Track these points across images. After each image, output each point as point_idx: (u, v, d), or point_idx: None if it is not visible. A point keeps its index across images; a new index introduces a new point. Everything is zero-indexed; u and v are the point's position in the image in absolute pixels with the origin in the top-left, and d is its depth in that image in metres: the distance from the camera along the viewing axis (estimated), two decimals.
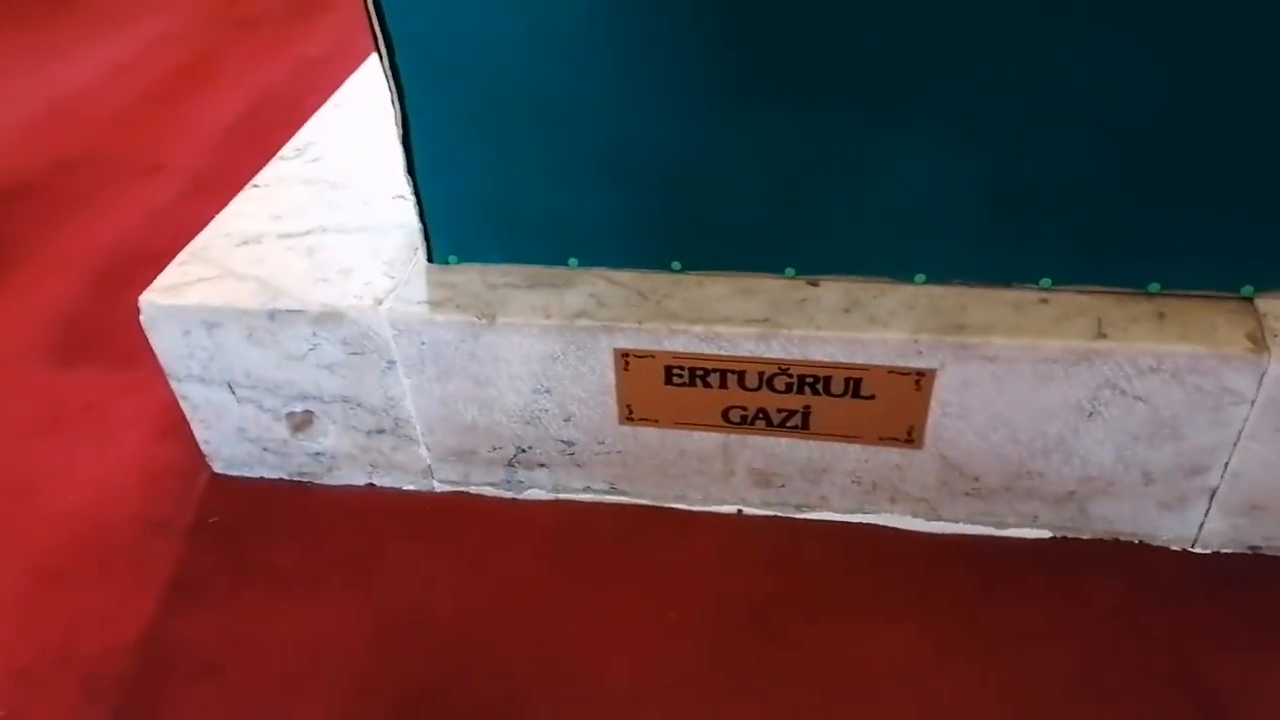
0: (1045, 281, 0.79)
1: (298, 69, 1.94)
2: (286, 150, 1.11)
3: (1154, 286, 0.76)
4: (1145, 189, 0.72)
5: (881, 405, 0.81)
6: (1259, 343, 0.72)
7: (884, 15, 0.68)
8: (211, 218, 1.00)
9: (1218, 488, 0.79)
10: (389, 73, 0.78)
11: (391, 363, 0.87)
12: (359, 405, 0.91)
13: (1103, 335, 0.74)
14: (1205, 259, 0.74)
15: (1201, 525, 0.81)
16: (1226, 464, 0.77)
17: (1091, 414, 0.77)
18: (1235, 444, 0.76)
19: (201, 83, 1.91)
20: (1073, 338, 0.74)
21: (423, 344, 0.85)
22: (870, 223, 0.79)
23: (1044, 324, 0.76)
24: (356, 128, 1.14)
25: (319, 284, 0.87)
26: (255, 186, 1.04)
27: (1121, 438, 0.78)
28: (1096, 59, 0.67)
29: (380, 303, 0.85)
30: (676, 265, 0.85)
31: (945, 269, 0.80)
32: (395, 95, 0.79)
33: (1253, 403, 0.73)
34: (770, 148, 0.77)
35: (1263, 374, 0.72)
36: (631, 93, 0.76)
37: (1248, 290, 0.75)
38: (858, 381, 0.80)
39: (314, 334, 0.86)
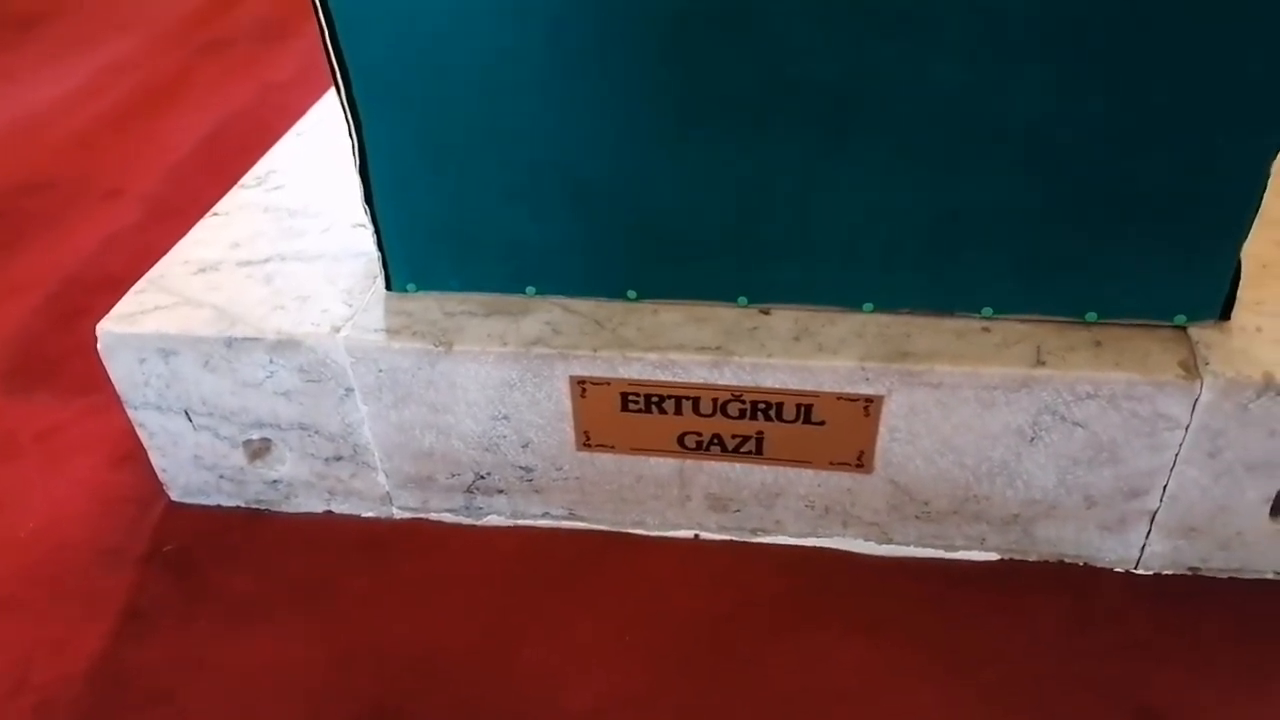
0: (987, 310, 0.81)
1: (262, 94, 1.95)
2: (248, 178, 1.11)
3: (1091, 315, 0.79)
4: (1080, 221, 0.75)
5: (832, 431, 0.83)
6: (1191, 370, 0.74)
7: (826, 51, 0.70)
8: (171, 243, 1.00)
9: (1157, 510, 0.81)
10: (346, 105, 0.79)
11: (349, 390, 0.87)
12: (316, 432, 0.91)
13: (1041, 363, 0.76)
14: (1139, 289, 0.77)
15: (1143, 547, 0.84)
16: (1164, 487, 0.80)
17: (1033, 439, 0.79)
18: (1172, 468, 0.78)
19: (165, 107, 1.91)
20: (1013, 365, 0.76)
21: (380, 371, 0.86)
22: (818, 253, 0.81)
23: (986, 351, 0.78)
24: (318, 155, 1.15)
25: (276, 311, 0.88)
26: (215, 214, 1.04)
27: (1063, 462, 0.80)
28: (1031, 93, 0.70)
29: (337, 330, 0.85)
30: (632, 294, 0.86)
31: (892, 298, 0.82)
32: (352, 127, 0.80)
33: (1186, 428, 0.76)
34: (721, 179, 0.78)
35: (1195, 400, 0.74)
36: (585, 125, 0.77)
37: (1180, 319, 0.78)
38: (808, 408, 0.82)
39: (271, 361, 0.86)
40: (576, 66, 0.74)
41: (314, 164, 1.13)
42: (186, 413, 0.92)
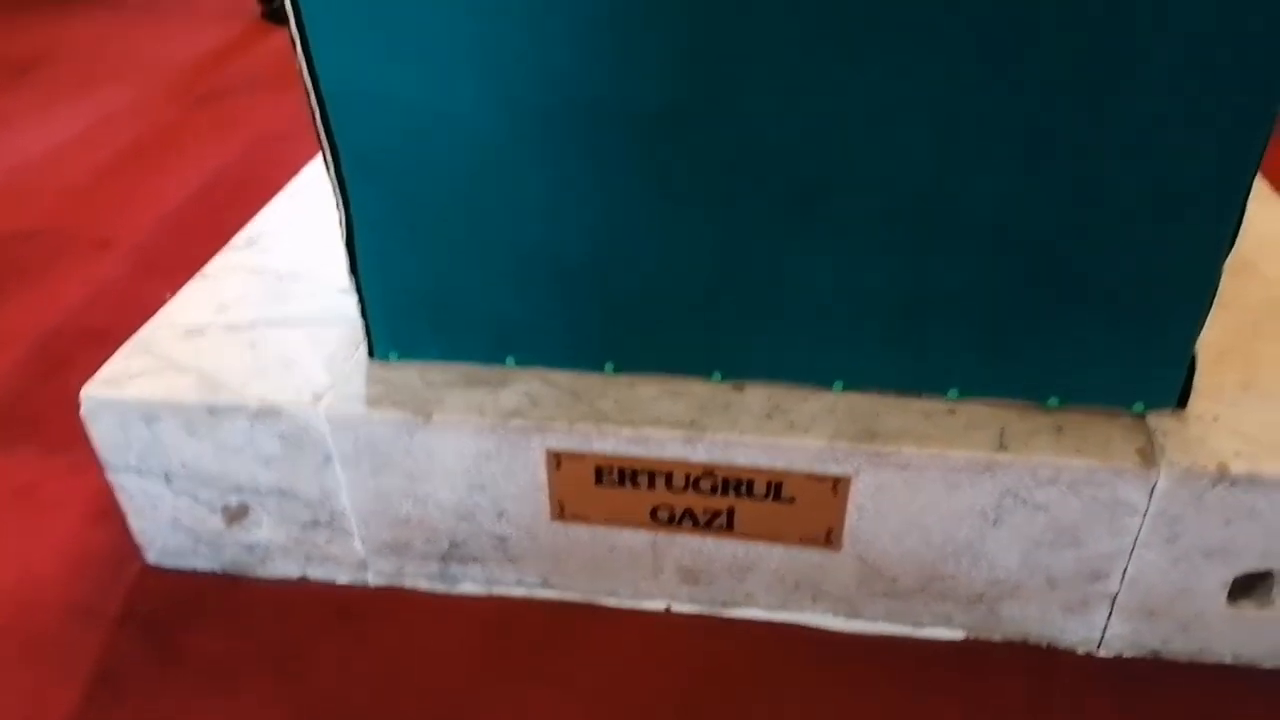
0: (953, 392, 0.83)
1: (256, 146, 1.98)
2: (237, 239, 1.13)
3: (1053, 401, 0.81)
4: (1042, 310, 0.77)
5: (802, 508, 0.84)
6: (1148, 458, 0.76)
7: (798, 139, 0.73)
8: (159, 296, 1.02)
9: (1118, 593, 0.83)
10: (335, 182, 0.81)
11: (328, 457, 0.88)
12: (295, 498, 0.92)
13: (1004, 447, 0.78)
14: (1100, 377, 0.79)
15: (1104, 629, 0.85)
16: (1124, 571, 0.81)
17: (997, 520, 0.81)
18: (1131, 552, 0.80)
19: (158, 158, 1.93)
20: (977, 449, 0.78)
21: (359, 440, 0.87)
22: (790, 332, 0.83)
23: (951, 434, 0.80)
24: (309, 218, 1.17)
25: (259, 378, 0.89)
26: (204, 276, 1.06)
27: (1026, 544, 0.82)
28: (996, 187, 0.73)
29: (319, 398, 0.87)
30: (610, 366, 0.88)
31: (861, 377, 0.84)
32: (340, 201, 0.83)
33: (1145, 514, 0.78)
34: (696, 261, 0.81)
35: (1152, 487, 0.76)
36: (566, 206, 0.80)
37: (1139, 407, 0.80)
38: (779, 485, 0.83)
39: (252, 428, 0.88)
40: (558, 151, 0.77)
41: (304, 227, 1.15)
42: (166, 476, 0.92)
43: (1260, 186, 1.15)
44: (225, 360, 0.92)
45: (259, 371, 0.90)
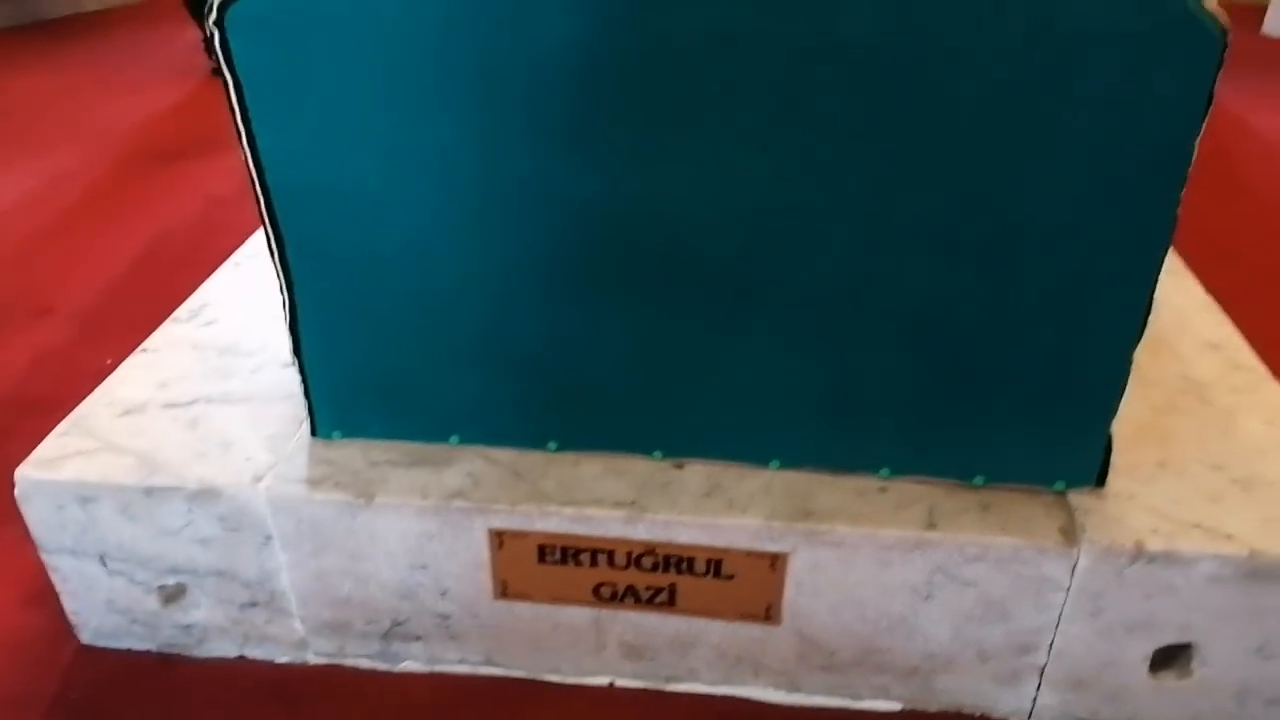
0: (884, 471, 0.86)
1: (204, 209, 1.98)
2: (180, 312, 1.13)
3: (979, 479, 0.84)
4: (964, 396, 0.81)
5: (741, 584, 0.86)
6: (1070, 537, 0.79)
7: (726, 238, 0.76)
8: (101, 364, 1.01)
9: (1046, 665, 0.85)
10: (279, 267, 0.82)
11: (268, 538, 0.88)
12: (233, 579, 0.91)
13: (933, 526, 0.81)
14: (1022, 457, 0.83)
15: (1035, 700, 0.87)
16: (1051, 644, 0.84)
17: (928, 596, 0.83)
18: (1057, 626, 0.83)
19: (103, 221, 1.92)
20: (907, 527, 0.81)
21: (300, 521, 0.87)
22: (728, 414, 0.86)
23: (883, 512, 0.83)
24: (254, 289, 1.17)
25: (199, 459, 0.89)
26: (144, 350, 1.06)
27: (956, 618, 0.84)
28: (915, 284, 0.76)
29: (259, 480, 0.87)
30: (553, 445, 0.90)
31: (797, 456, 0.87)
32: (284, 285, 0.84)
33: (1068, 590, 0.81)
34: (635, 342, 0.83)
35: (1074, 565, 0.79)
36: (509, 295, 0.82)
37: (1060, 486, 0.84)
38: (718, 562, 0.85)
39: (190, 510, 0.87)
40: (501, 242, 0.79)
41: (248, 299, 1.15)
42: (101, 558, 0.91)
43: (1174, 263, 1.21)
44: (164, 440, 0.92)
45: (199, 452, 0.90)
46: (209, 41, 0.73)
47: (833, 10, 0.67)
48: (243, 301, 1.15)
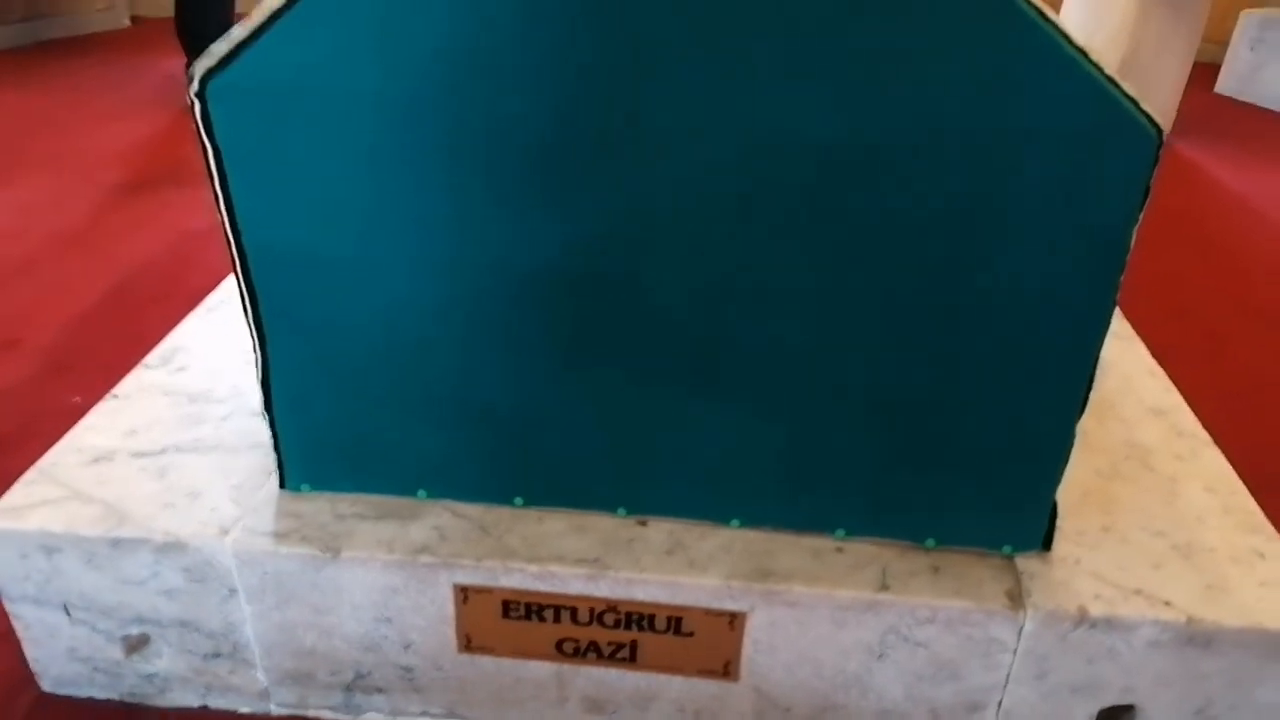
0: (841, 532, 0.88)
1: (177, 242, 1.98)
2: (151, 358, 1.14)
3: (930, 542, 0.87)
4: (914, 463, 0.84)
5: (700, 641, 0.88)
6: (1016, 600, 0.82)
7: (690, 315, 0.80)
8: (68, 401, 1.01)
9: None
10: (253, 327, 0.84)
11: (233, 590, 0.89)
12: (197, 630, 0.92)
13: (886, 587, 0.84)
14: (971, 522, 0.86)
15: None
16: (999, 703, 0.87)
17: (881, 655, 0.86)
18: (1005, 686, 0.86)
19: (76, 253, 1.92)
20: (861, 589, 0.83)
21: (265, 574, 0.88)
22: (690, 473, 0.88)
23: (838, 573, 0.85)
24: (226, 335, 1.19)
25: (166, 510, 0.90)
26: (114, 397, 1.06)
27: (909, 677, 0.86)
28: (866, 360, 0.79)
29: (225, 533, 0.87)
30: (519, 500, 0.91)
31: (757, 516, 0.89)
32: (257, 344, 0.85)
33: (1015, 651, 0.83)
34: (601, 410, 0.85)
35: (1020, 628, 0.82)
36: (479, 359, 0.84)
37: (1008, 549, 0.87)
38: (679, 620, 0.87)
39: (156, 561, 0.88)
40: (469, 309, 0.81)
41: (221, 344, 1.16)
42: (65, 607, 0.91)
43: (1122, 327, 1.25)
44: (131, 490, 0.92)
45: (166, 502, 0.91)
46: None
47: (790, 108, 0.70)
48: (215, 347, 1.16)
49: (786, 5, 0.68)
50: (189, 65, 0.75)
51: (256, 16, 0.72)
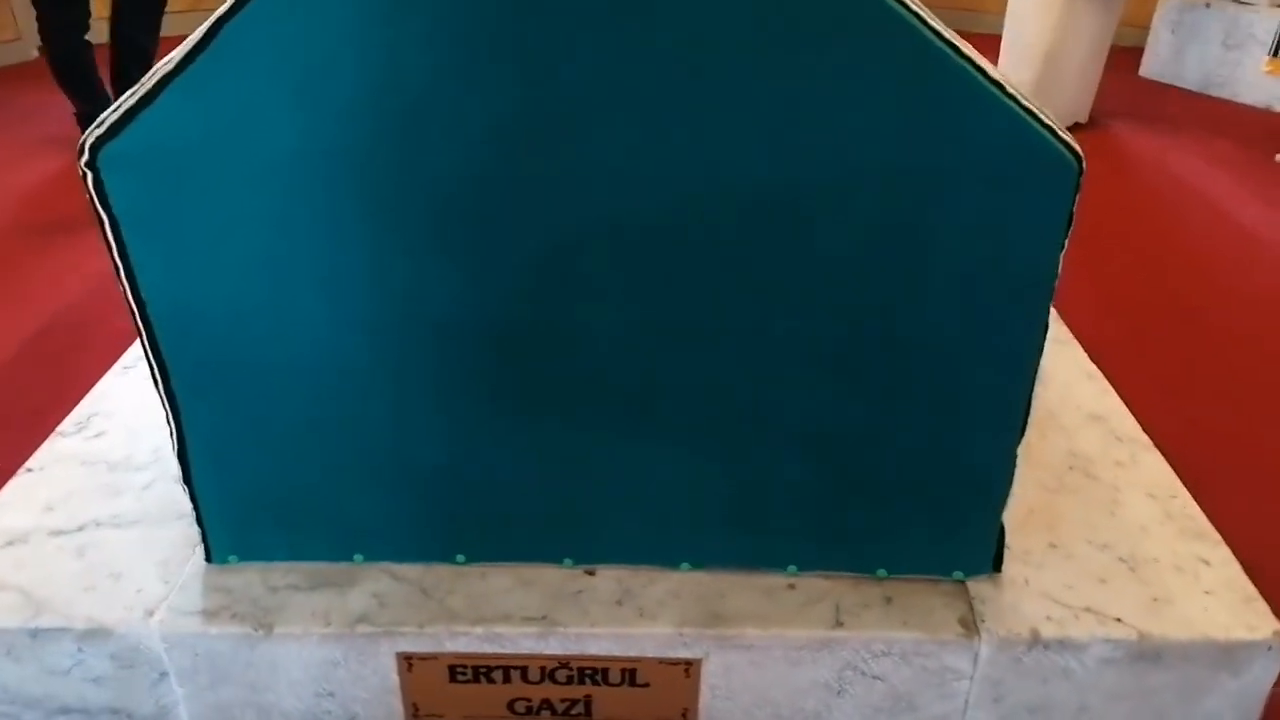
0: (792, 568, 0.87)
1: (98, 288, 1.90)
2: (66, 425, 1.08)
3: (881, 572, 0.86)
4: (861, 496, 0.83)
5: (656, 691, 0.86)
6: (970, 627, 0.82)
7: (628, 357, 0.78)
8: None
9: None
10: (164, 396, 0.80)
11: (164, 674, 0.85)
12: (128, 716, 0.87)
13: (840, 624, 0.82)
14: (920, 550, 0.85)
15: None
16: None
17: (839, 691, 0.85)
18: (964, 712, 0.85)
19: None
20: (815, 627, 0.82)
21: (197, 655, 0.83)
22: (634, 520, 0.86)
23: (791, 611, 0.84)
24: (145, 393, 1.13)
25: (87, 593, 0.85)
26: (29, 470, 1.01)
27: (867, 710, 0.86)
28: (807, 398, 0.78)
29: (151, 614, 0.83)
30: (460, 558, 0.89)
31: (706, 557, 0.88)
32: (170, 414, 0.81)
33: (971, 678, 0.83)
34: (541, 457, 0.83)
35: (975, 655, 0.82)
36: (410, 412, 0.81)
37: (959, 575, 0.86)
38: (633, 671, 0.85)
39: (80, 649, 0.83)
40: (398, 363, 0.78)
41: (139, 406, 1.11)
42: None
43: (1057, 330, 1.26)
44: (50, 573, 0.87)
45: (87, 585, 0.86)
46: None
47: (713, 151, 0.69)
48: (133, 407, 1.11)
49: (705, 50, 0.66)
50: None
51: (146, 80, 0.68)
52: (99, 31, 2.41)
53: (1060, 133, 0.67)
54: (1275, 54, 2.64)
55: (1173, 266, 2.08)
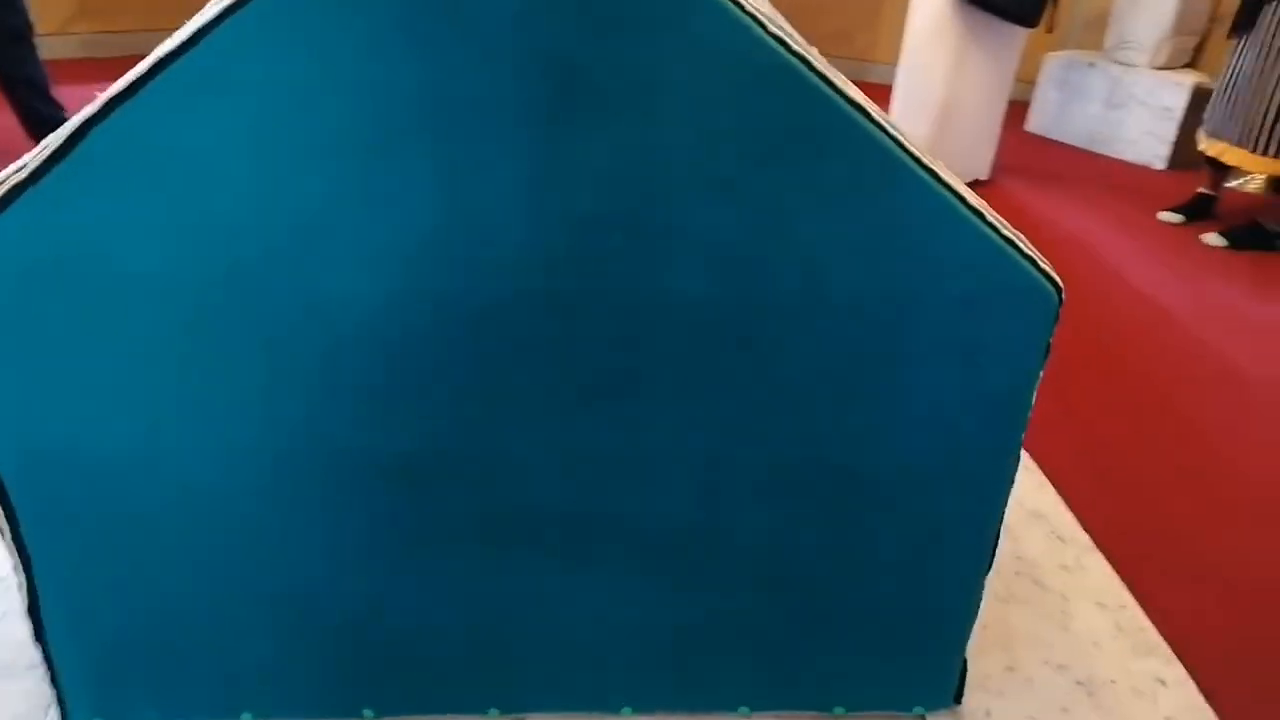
0: (743, 709, 0.80)
1: None
2: None
3: (839, 709, 0.80)
4: (817, 630, 0.76)
5: None
6: None
7: (558, 485, 0.70)
8: None
9: None
10: (12, 546, 0.67)
11: None
12: None
13: None
14: (880, 686, 0.79)
15: None
16: None
17: None
18: None
19: None
20: None
21: None
22: (571, 661, 0.77)
23: None
24: None
25: None
26: None
27: None
28: (756, 528, 0.72)
29: None
30: (368, 713, 0.78)
31: (650, 701, 0.79)
32: (20, 565, 0.68)
33: None
34: (460, 597, 0.74)
35: None
36: (304, 551, 0.70)
37: (920, 710, 0.80)
38: None
39: None
40: (291, 497, 0.68)
41: None
42: None
43: None
44: None
45: None
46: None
47: (660, 270, 0.62)
48: None
49: (654, 164, 0.59)
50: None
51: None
52: None
53: (1040, 262, 0.63)
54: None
55: (1087, 337, 2.04)
